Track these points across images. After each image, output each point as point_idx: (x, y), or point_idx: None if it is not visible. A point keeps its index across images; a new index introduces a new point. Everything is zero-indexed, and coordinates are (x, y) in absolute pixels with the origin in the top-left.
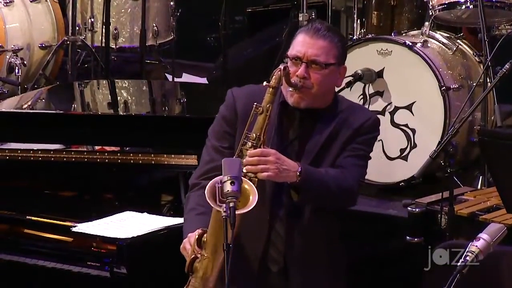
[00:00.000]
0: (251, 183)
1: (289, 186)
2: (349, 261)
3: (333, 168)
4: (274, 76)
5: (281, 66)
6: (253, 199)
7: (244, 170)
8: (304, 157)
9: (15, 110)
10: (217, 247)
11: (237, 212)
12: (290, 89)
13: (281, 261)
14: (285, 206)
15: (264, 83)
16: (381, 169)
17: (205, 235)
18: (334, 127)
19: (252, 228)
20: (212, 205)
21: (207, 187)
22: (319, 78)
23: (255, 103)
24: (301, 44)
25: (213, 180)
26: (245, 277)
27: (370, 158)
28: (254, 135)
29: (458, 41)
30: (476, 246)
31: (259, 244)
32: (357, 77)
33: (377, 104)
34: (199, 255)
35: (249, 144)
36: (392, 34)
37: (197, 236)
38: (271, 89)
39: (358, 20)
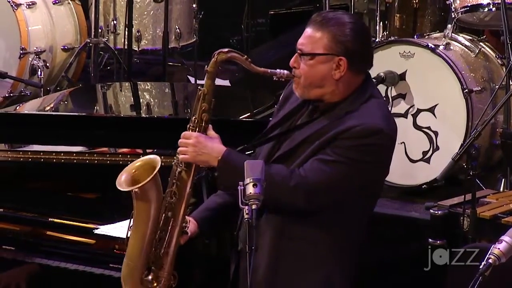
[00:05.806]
0: (158, 161)
1: None
2: (372, 263)
3: (283, 166)
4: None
5: (217, 52)
6: (153, 174)
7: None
8: (284, 147)
9: (37, 112)
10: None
11: (136, 186)
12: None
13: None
14: None
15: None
16: (404, 171)
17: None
18: (326, 125)
19: None
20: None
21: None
22: (304, 68)
23: (199, 87)
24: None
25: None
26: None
27: (351, 165)
28: (193, 118)
29: (481, 43)
30: (499, 248)
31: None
32: (379, 80)
33: (400, 107)
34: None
35: (188, 126)
36: (415, 36)
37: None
38: (206, 73)
39: (381, 22)
